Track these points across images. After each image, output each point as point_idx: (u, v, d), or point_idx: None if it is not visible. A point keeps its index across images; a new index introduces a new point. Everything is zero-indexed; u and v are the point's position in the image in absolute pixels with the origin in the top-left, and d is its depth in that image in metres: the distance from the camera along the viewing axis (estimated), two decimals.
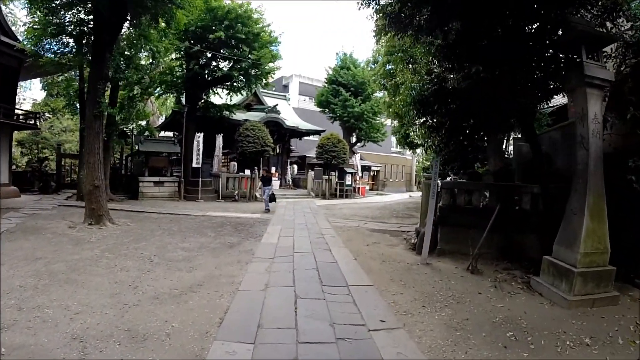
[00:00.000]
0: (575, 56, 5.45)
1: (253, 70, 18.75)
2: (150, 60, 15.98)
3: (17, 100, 31.24)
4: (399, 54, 7.06)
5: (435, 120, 6.50)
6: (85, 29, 10.00)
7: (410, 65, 6.93)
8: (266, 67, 18.80)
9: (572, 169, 5.77)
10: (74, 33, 10.14)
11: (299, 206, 16.62)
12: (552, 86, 6.33)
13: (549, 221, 6.40)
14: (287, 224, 11.05)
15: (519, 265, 6.80)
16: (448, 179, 10.21)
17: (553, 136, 10.00)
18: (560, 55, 5.82)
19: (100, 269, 5.95)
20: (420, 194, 32.20)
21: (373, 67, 19.31)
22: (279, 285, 5.35)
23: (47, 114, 30.12)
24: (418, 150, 23.36)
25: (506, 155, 13.73)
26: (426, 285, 5.76)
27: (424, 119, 6.62)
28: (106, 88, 10.65)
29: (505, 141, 12.42)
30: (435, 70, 6.72)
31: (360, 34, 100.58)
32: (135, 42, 11.27)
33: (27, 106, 31.03)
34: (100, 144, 9.63)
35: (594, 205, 5.22)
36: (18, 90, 32.42)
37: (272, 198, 14.56)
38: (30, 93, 59.73)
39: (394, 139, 43.86)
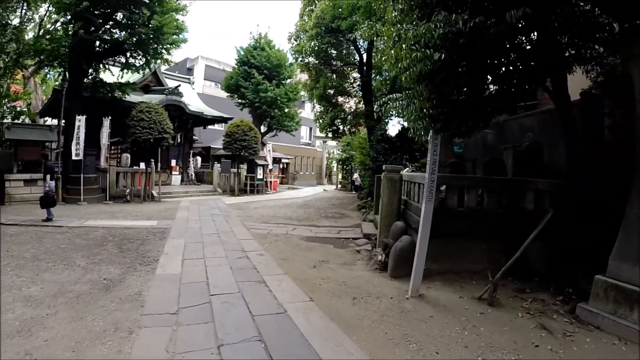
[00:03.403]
0: None
1: (153, 43, 14.51)
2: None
3: None
4: None
5: (443, 84, 4.21)
6: None
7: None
8: (169, 39, 14.73)
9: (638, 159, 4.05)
10: None
11: (205, 207, 13.25)
12: None
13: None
14: (193, 236, 7.87)
15: (530, 284, 5.17)
16: (406, 171, 8.18)
17: (526, 123, 8.67)
18: None
19: None
20: (334, 187, 31.38)
21: (295, 43, 16.66)
22: None
23: None
24: (333, 142, 21.42)
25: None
26: (452, 345, 3.55)
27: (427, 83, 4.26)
28: None
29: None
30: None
31: (277, 17, 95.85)
32: None
33: None
34: None
35: None
36: None
37: (50, 202, 9.09)
38: None
39: (303, 130, 42.22)
